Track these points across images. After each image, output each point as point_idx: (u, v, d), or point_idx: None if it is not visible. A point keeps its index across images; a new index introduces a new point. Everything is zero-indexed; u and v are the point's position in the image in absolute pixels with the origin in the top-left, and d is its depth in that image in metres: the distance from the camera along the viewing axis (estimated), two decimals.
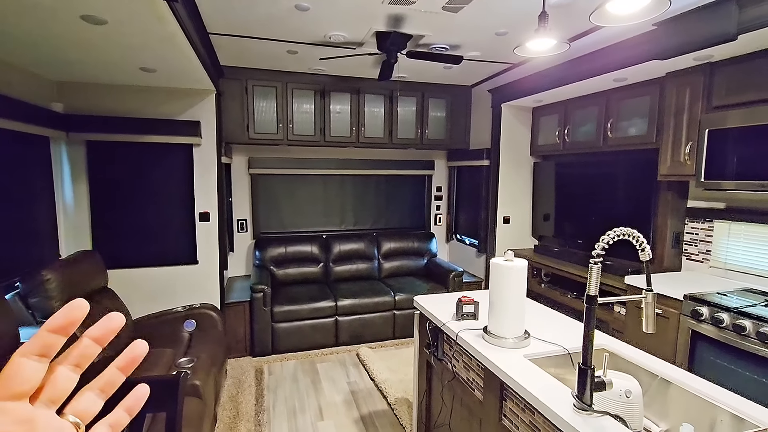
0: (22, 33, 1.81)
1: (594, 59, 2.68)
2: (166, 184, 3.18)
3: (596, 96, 3.07)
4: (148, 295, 3.14)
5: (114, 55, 2.19)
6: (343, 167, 4.34)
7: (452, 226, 4.81)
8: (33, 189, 2.62)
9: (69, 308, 0.32)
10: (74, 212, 2.98)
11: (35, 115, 2.48)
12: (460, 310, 1.81)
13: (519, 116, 3.84)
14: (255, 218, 4.17)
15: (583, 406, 1.11)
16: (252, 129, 3.69)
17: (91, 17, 1.60)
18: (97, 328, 0.34)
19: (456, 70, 3.66)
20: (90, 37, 1.87)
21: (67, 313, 0.32)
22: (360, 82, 3.91)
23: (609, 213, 3.16)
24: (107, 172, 3.03)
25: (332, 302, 3.63)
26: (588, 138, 3.18)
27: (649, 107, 2.65)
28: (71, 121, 2.84)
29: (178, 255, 3.23)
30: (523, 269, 1.54)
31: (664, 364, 1.45)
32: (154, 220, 3.17)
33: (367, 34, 2.72)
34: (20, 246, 2.46)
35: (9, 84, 2.30)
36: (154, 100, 3.06)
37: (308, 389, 3.01)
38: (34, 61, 2.33)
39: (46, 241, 2.77)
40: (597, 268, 1.08)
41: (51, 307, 2.12)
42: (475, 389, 1.63)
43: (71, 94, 2.86)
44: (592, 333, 1.10)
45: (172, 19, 1.67)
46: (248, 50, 3.10)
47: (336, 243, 4.22)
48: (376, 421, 2.62)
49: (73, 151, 2.94)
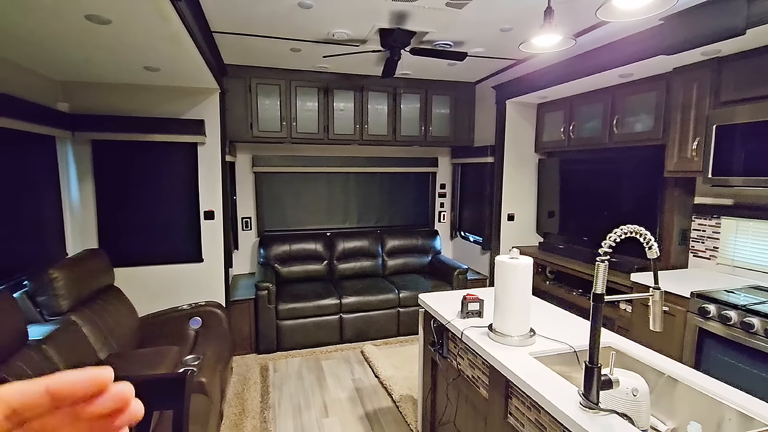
0: (26, 33, 1.82)
1: (599, 55, 2.66)
2: (171, 183, 3.19)
3: (602, 92, 3.04)
4: (154, 292, 3.16)
5: (118, 55, 2.20)
6: (346, 165, 4.34)
7: (456, 224, 4.80)
8: (40, 188, 2.64)
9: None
10: (80, 211, 3.00)
11: (41, 114, 2.49)
12: (465, 307, 1.81)
13: (523, 113, 3.82)
14: (259, 216, 4.18)
15: (590, 405, 1.10)
16: (256, 127, 3.69)
17: (96, 17, 1.61)
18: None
19: (460, 67, 3.64)
20: (94, 37, 1.87)
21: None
22: (363, 80, 3.90)
23: (615, 209, 3.14)
24: (113, 171, 3.05)
25: (337, 300, 3.64)
26: (594, 134, 3.15)
27: (655, 103, 2.62)
28: (77, 120, 2.86)
29: (183, 253, 3.25)
30: (529, 267, 1.53)
31: (671, 362, 1.44)
32: (160, 219, 3.18)
33: (371, 31, 2.71)
34: (27, 244, 2.49)
35: (15, 84, 2.31)
36: (159, 98, 3.06)
37: (313, 386, 3.02)
38: (40, 61, 2.34)
39: (53, 239, 2.79)
40: (604, 266, 1.08)
41: (58, 306, 2.14)
42: (481, 387, 1.63)
43: (76, 93, 2.88)
44: (598, 331, 1.09)
45: (176, 18, 1.67)
46: (252, 48, 3.09)
47: (340, 240, 4.23)
48: (381, 418, 2.63)
49: (79, 150, 2.96)
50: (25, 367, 1.63)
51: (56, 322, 2.07)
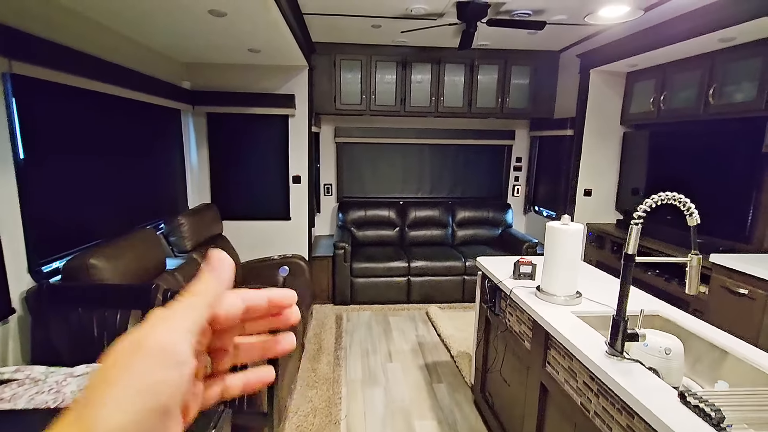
0: (165, 25, 2.28)
1: (696, 17, 2.44)
2: (267, 150, 3.69)
3: (699, 58, 2.78)
4: (252, 243, 3.74)
5: (230, 40, 2.62)
6: (421, 136, 4.50)
7: (530, 198, 4.74)
8: (171, 153, 3.27)
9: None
10: (198, 171, 3.63)
11: (173, 91, 3.06)
12: (517, 270, 1.94)
13: (609, 82, 3.60)
14: (339, 183, 4.58)
15: (614, 353, 1.22)
16: (339, 100, 4.01)
17: (216, 11, 1.98)
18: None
19: (541, 36, 3.53)
20: (213, 26, 2.28)
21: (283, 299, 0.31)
22: (440, 52, 3.98)
23: (705, 187, 2.91)
24: (222, 140, 3.62)
25: (406, 263, 3.92)
26: (687, 105, 2.91)
27: (760, 70, 2.35)
28: (196, 96, 3.43)
29: (275, 211, 3.77)
30: (579, 233, 1.61)
31: (724, 335, 1.44)
32: (258, 181, 3.72)
33: (448, 4, 2.80)
34: (163, 196, 3.13)
35: (150, 65, 2.87)
36: (258, 76, 3.52)
37: (380, 336, 3.38)
38: (170, 47, 2.86)
39: (180, 194, 3.45)
40: (637, 229, 1.16)
41: (184, 245, 2.71)
42: (525, 340, 1.78)
43: (196, 73, 3.44)
44: (627, 287, 1.19)
45: (274, 6, 1.98)
46: (337, 26, 3.36)
47: (412, 209, 4.46)
48: (439, 369, 2.89)
49: (197, 121, 3.55)
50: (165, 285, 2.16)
51: (183, 258, 2.64)
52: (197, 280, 0.28)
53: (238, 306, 0.29)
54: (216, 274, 0.29)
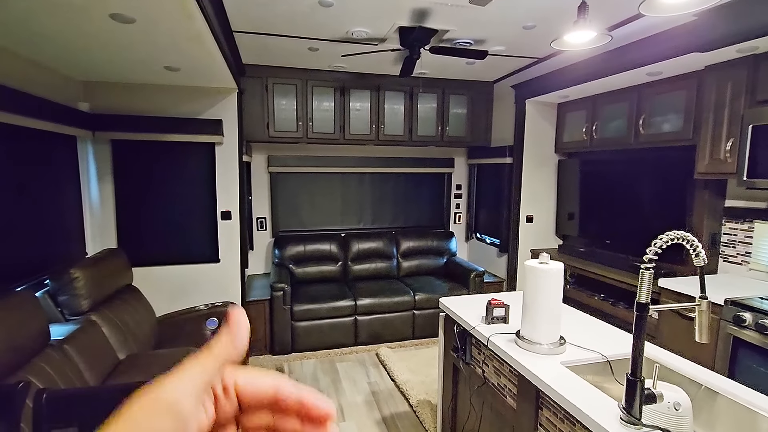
0: (53, 32, 1.82)
1: (626, 52, 2.58)
2: (190, 183, 3.20)
3: (628, 91, 2.96)
4: (172, 292, 3.17)
5: (140, 54, 2.20)
6: (362, 165, 4.31)
7: (472, 225, 4.74)
8: (60, 187, 2.66)
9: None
10: (100, 210, 3.02)
11: (63, 114, 2.51)
12: (490, 313, 1.76)
13: (543, 112, 3.74)
14: (274, 216, 4.17)
15: (632, 420, 1.04)
16: (272, 127, 3.68)
17: (120, 15, 1.60)
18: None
19: (478, 66, 3.58)
20: (118, 36, 1.87)
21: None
22: (380, 79, 3.87)
23: (638, 212, 3.05)
24: (132, 171, 3.06)
25: (351, 301, 3.60)
26: (618, 134, 3.07)
27: (685, 102, 2.53)
28: (97, 120, 2.87)
29: (200, 253, 3.25)
30: (560, 272, 1.47)
31: (711, 374, 1.37)
32: (178, 218, 3.19)
33: (391, 29, 2.67)
34: (48, 244, 2.50)
35: (38, 83, 2.32)
36: (178, 98, 3.07)
37: (328, 389, 2.99)
38: (63, 61, 2.35)
39: (74, 239, 2.81)
40: (649, 274, 1.02)
41: (79, 305, 2.14)
42: (507, 396, 1.58)
43: (97, 93, 2.89)
44: (642, 343, 1.03)
45: (200, 16, 1.65)
46: (270, 47, 3.08)
47: (355, 241, 4.20)
48: (398, 423, 2.59)
49: (99, 149, 2.98)
50: (47, 367, 1.62)
51: (77, 322, 2.08)
52: (215, 338, 0.28)
53: (268, 387, 0.28)
54: (232, 336, 0.28)
